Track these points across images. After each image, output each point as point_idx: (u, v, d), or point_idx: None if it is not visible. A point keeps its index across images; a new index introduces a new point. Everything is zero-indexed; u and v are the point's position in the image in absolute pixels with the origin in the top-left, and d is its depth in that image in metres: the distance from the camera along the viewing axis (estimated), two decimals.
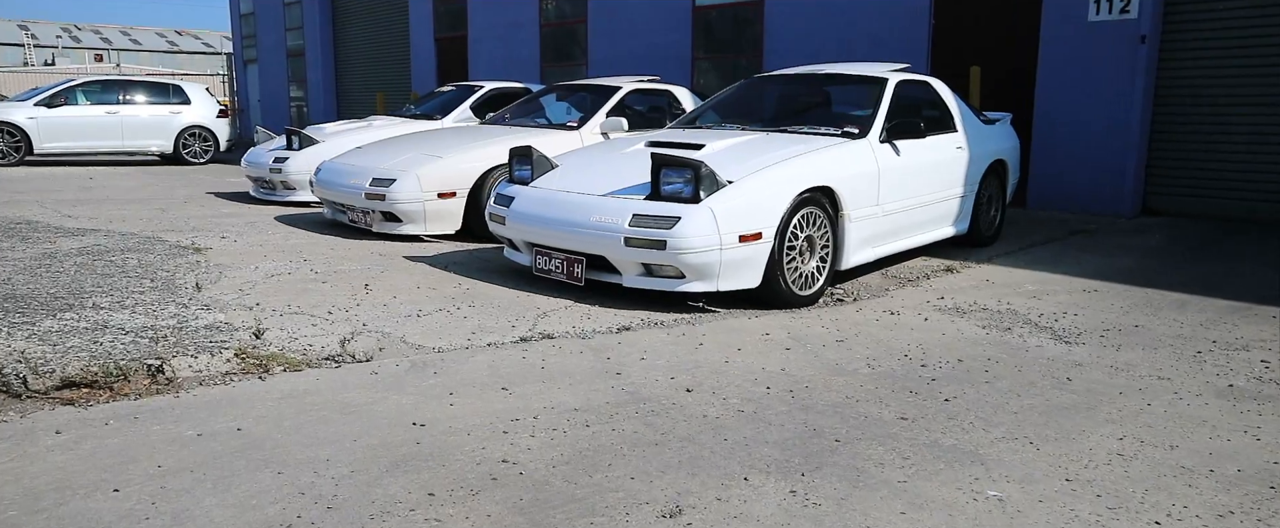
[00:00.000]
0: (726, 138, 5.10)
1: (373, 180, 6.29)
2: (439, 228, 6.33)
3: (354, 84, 19.07)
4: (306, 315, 3.84)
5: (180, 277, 4.63)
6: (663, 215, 4.21)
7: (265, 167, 8.38)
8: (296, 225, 6.97)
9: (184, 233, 6.38)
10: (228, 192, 9.61)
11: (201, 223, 6.97)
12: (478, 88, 9.48)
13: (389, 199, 6.16)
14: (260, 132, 9.20)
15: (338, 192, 6.55)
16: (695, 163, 4.24)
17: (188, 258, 5.23)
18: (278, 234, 6.45)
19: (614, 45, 12.49)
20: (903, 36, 9.27)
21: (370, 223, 6.35)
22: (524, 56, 13.99)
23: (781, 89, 6.22)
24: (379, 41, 18.07)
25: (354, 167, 6.60)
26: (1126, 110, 7.81)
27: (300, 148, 8.33)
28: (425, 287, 4.62)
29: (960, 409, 2.89)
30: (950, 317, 4.37)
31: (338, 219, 6.90)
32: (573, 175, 4.88)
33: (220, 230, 6.57)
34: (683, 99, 7.90)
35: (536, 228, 4.65)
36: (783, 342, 3.75)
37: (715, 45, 11.29)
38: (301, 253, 5.60)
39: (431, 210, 6.23)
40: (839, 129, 5.26)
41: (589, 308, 4.31)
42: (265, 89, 21.83)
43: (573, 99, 8.09)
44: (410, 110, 9.82)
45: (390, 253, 5.74)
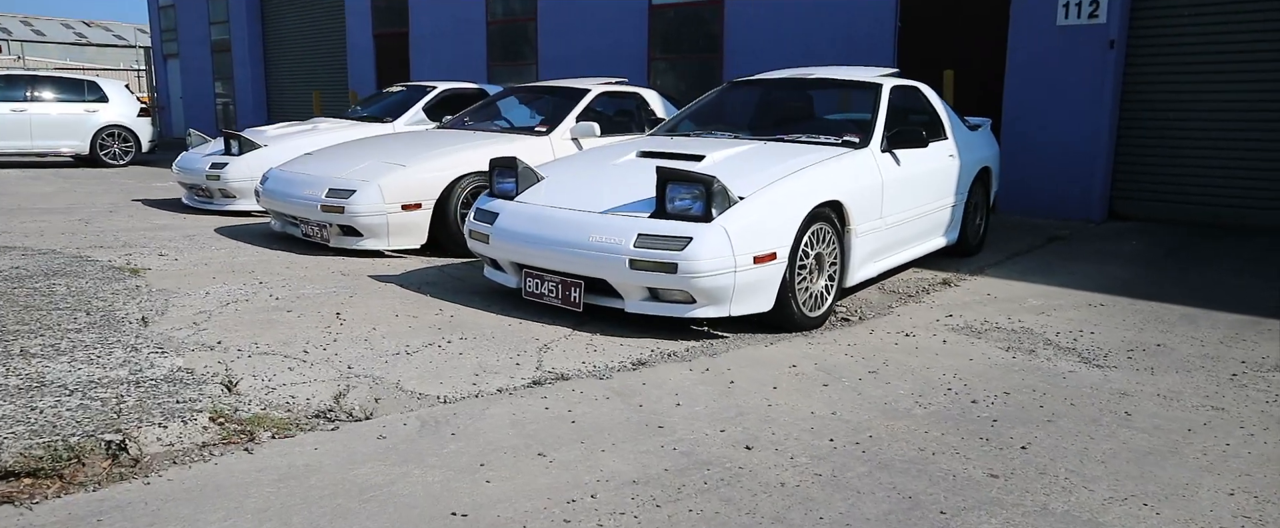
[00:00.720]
0: (723, 148, 4.74)
1: (330, 191, 5.74)
2: (403, 242, 5.82)
3: (285, 82, 18.12)
4: (279, 356, 3.33)
5: (120, 307, 4.04)
6: (673, 235, 3.83)
7: (201, 172, 7.69)
8: (241, 239, 6.35)
9: (115, 249, 5.72)
10: (157, 199, 8.85)
11: (133, 237, 6.30)
12: (430, 89, 8.93)
13: (348, 212, 5.62)
14: (193, 134, 8.47)
15: (289, 203, 5.97)
16: (707, 178, 3.87)
17: (125, 282, 4.62)
18: (222, 250, 5.84)
19: (566, 45, 12.02)
20: (868, 39, 9.06)
21: (326, 237, 5.79)
22: (470, 55, 13.40)
23: (767, 94, 5.89)
24: (313, 37, 17.19)
25: (307, 175, 6.03)
26: (1096, 115, 7.74)
27: (241, 152, 7.67)
28: (404, 315, 4.13)
29: (1044, 460, 2.59)
30: (969, 338, 4.10)
31: (288, 232, 6.31)
32: (563, 189, 4.45)
33: (156, 246, 5.92)
34: (652, 102, 7.52)
35: (526, 248, 4.21)
36: (814, 376, 3.41)
37: (673, 45, 10.94)
38: (254, 273, 5.04)
39: (395, 224, 5.71)
40: (838, 138, 4.95)
41: (591, 337, 3.90)
42: (187, 86, 20.63)
43: (537, 102, 7.63)
44: (357, 112, 9.21)
45: (353, 272, 5.22)
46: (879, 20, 8.96)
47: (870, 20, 9.02)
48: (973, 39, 8.44)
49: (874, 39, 9.01)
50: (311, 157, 6.54)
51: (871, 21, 9.02)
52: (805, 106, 5.71)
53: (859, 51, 9.15)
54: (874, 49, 9.02)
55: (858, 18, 9.13)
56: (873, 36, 9.03)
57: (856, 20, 9.13)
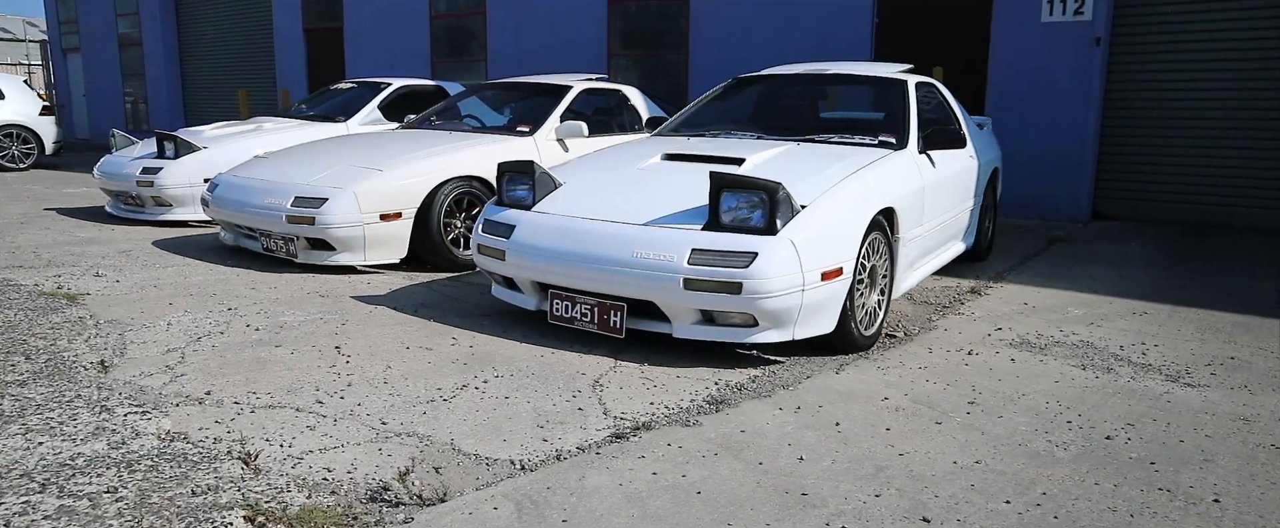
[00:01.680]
0: (759, 150, 4.26)
1: (296, 199, 5.03)
2: (381, 256, 5.15)
3: (204, 79, 16.86)
4: (288, 409, 2.69)
5: (66, 347, 3.31)
6: (735, 251, 3.32)
7: (131, 178, 6.80)
8: (187, 254, 5.56)
9: (39, 270, 4.88)
10: (74, 207, 7.86)
11: (57, 253, 5.44)
12: (384, 85, 8.19)
13: (320, 223, 4.93)
14: (118, 135, 7.54)
15: (246, 213, 5.22)
16: (771, 184, 3.38)
17: (63, 312, 3.85)
18: (170, 268, 5.06)
19: (518, 40, 11.37)
20: (844, 34, 8.73)
21: (293, 252, 5.08)
22: (412, 51, 12.60)
23: (779, 91, 5.44)
24: (235, 32, 16.02)
25: (267, 182, 5.29)
26: (1084, 114, 7.57)
27: (177, 155, 6.82)
28: (416, 346, 3.51)
29: (1248, 516, 2.20)
30: (1034, 355, 3.74)
31: (243, 245, 5.55)
32: (588, 198, 3.90)
33: (89, 264, 5.10)
34: (634, 100, 7.00)
35: (554, 266, 3.64)
36: (914, 411, 2.97)
37: (635, 41, 10.42)
38: (217, 297, 4.32)
39: (372, 235, 5.04)
40: (874, 139, 4.53)
41: (640, 368, 3.37)
42: (91, 82, 19.06)
43: (509, 101, 7.01)
44: (303, 111, 8.39)
45: (331, 292, 4.54)
46: (855, 16, 8.64)
47: (846, 16, 8.70)
48: (954, 36, 8.19)
49: (850, 36, 8.69)
50: (267, 160, 5.79)
51: (847, 17, 8.69)
52: (823, 105, 5.29)
53: (832, 49, 8.82)
54: (850, 46, 8.70)
55: (832, 14, 8.79)
56: (848, 33, 8.70)
57: (831, 16, 8.79)
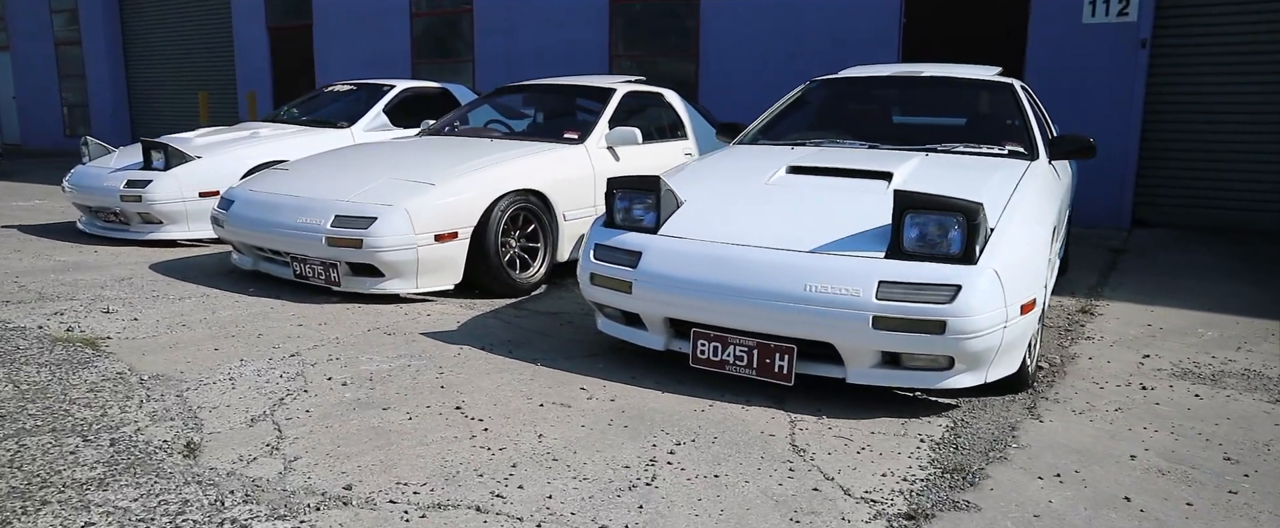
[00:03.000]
0: (895, 161, 3.75)
1: (338, 219, 4.33)
2: (433, 282, 4.49)
3: (152, 82, 15.67)
4: (465, 510, 2.00)
5: (125, 419, 2.59)
6: (936, 283, 2.80)
7: (113, 192, 5.96)
8: (197, 280, 4.80)
9: (33, 305, 4.09)
10: (36, 225, 6.94)
11: (45, 283, 4.63)
12: (386, 87, 7.46)
13: (368, 246, 4.24)
14: (92, 143, 6.65)
15: (273, 234, 4.50)
16: (970, 206, 2.87)
17: (94, 366, 3.11)
18: (187, 300, 4.31)
19: (510, 40, 10.69)
20: (866, 36, 8.32)
21: (334, 279, 4.37)
22: (390, 51, 11.80)
23: (871, 95, 4.94)
24: (188, 31, 14.90)
25: (297, 198, 4.57)
26: (1126, 119, 7.28)
27: (167, 166, 5.99)
28: (547, 401, 2.90)
29: None
30: (1216, 390, 3.32)
31: (263, 270, 4.81)
32: (725, 218, 3.33)
33: (88, 296, 4.32)
34: (675, 104, 6.44)
35: (701, 301, 3.06)
36: (1180, 473, 2.49)
37: (641, 42, 9.85)
38: (265, 338, 3.62)
39: (426, 259, 4.38)
40: (1001, 147, 4.07)
41: (821, 423, 2.82)
42: (22, 84, 17.61)
43: (542, 104, 6.38)
44: (294, 115, 7.60)
45: (394, 327, 3.88)
46: (881, 16, 8.23)
47: (870, 16, 8.28)
48: (988, 38, 7.84)
49: (874, 36, 8.28)
50: (288, 173, 5.05)
51: (871, 17, 8.28)
52: (930, 109, 4.82)
53: (854, 50, 8.40)
54: (875, 47, 8.29)
55: (854, 14, 8.37)
56: (872, 33, 8.29)
57: (853, 16, 8.37)
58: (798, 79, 8.72)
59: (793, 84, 8.74)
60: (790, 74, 8.76)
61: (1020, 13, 7.63)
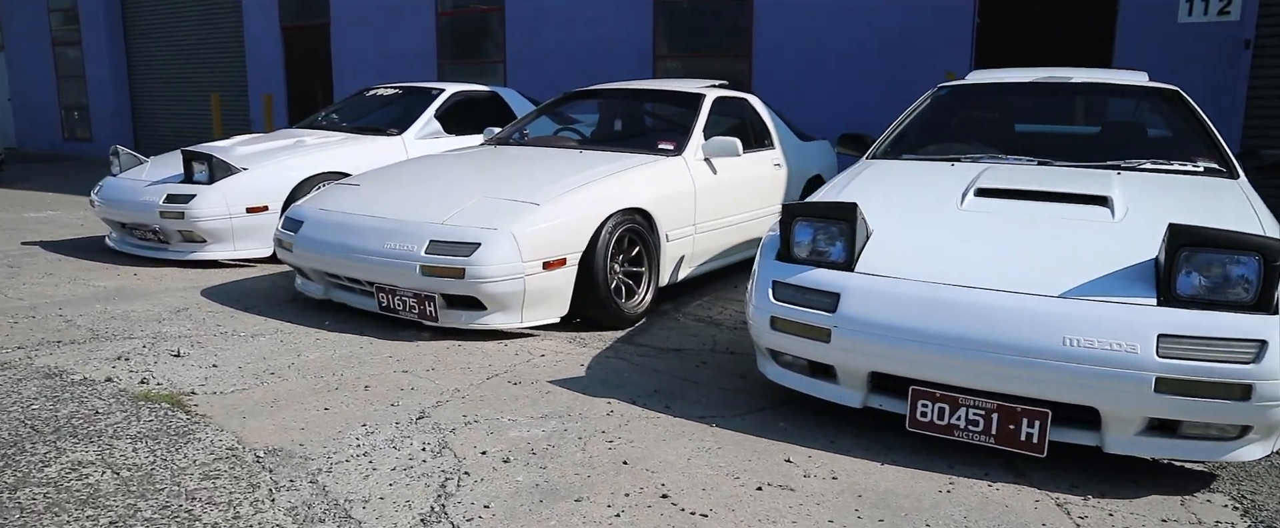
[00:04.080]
0: (1099, 182, 3.25)
1: (433, 244, 3.78)
2: (539, 315, 3.94)
3: (157, 83, 14.98)
4: None
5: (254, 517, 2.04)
6: (1234, 338, 2.30)
7: (152, 208, 5.38)
8: (262, 311, 4.24)
9: (88, 347, 3.52)
10: (59, 241, 6.34)
11: (94, 317, 4.05)
12: (434, 91, 6.90)
13: (471, 275, 3.69)
14: (122, 153, 6.04)
15: (354, 260, 3.94)
16: (1268, 244, 2.37)
17: (196, 438, 2.56)
18: (263, 338, 3.75)
19: (542, 39, 10.14)
20: (937, 35, 7.83)
21: (431, 313, 3.82)
22: (414, 51, 11.21)
23: (1020, 104, 4.45)
24: (195, 30, 14.23)
25: (380, 219, 4.02)
26: (1228, 125, 6.83)
27: (212, 179, 5.42)
28: (766, 483, 2.37)
29: None
30: None
31: (335, 299, 4.25)
32: (929, 252, 2.81)
33: (148, 333, 3.75)
34: (760, 110, 5.93)
35: (924, 354, 2.54)
36: None
37: (687, 42, 9.31)
38: (374, 390, 3.07)
39: (533, 289, 3.84)
40: (1194, 163, 3.59)
41: (1096, 505, 2.32)
42: (19, 86, 16.87)
43: (618, 110, 5.84)
44: (333, 120, 7.02)
45: (514, 373, 3.34)
46: (951, 14, 7.74)
47: (939, 14, 7.79)
48: (1071, 38, 7.37)
49: (942, 36, 7.79)
50: (360, 189, 4.49)
51: (940, 16, 7.79)
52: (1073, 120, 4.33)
53: (924, 51, 7.91)
54: (941, 48, 7.80)
55: (921, 12, 7.87)
56: (941, 33, 7.80)
57: (920, 15, 7.88)
58: (860, 82, 8.23)
59: (854, 87, 8.25)
60: (852, 76, 8.26)
61: (1107, 11, 7.17)
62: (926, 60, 7.90)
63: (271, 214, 5.54)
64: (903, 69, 8.03)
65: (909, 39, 7.97)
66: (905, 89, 8.02)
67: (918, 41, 7.93)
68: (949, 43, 7.78)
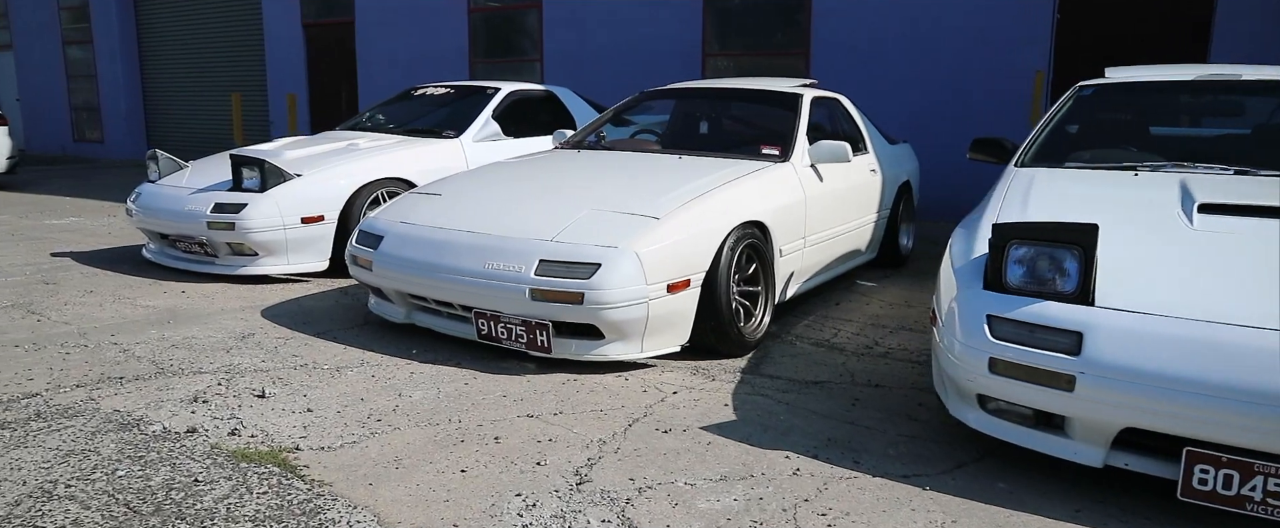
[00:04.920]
0: None
1: (545, 265, 3.31)
2: (661, 344, 3.47)
3: (171, 82, 14.46)
4: None
5: None
6: None
7: (199, 218, 4.89)
8: (339, 336, 3.77)
9: (159, 385, 3.05)
10: (91, 252, 5.85)
11: (153, 345, 3.57)
12: (489, 90, 6.42)
13: (591, 301, 3.22)
14: (160, 157, 5.55)
15: (452, 283, 3.46)
16: None
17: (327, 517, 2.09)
18: (352, 372, 3.28)
19: (583, 36, 9.66)
20: (1013, 32, 7.37)
21: (542, 344, 3.34)
22: (444, 48, 10.72)
23: (1176, 104, 3.98)
24: (213, 26, 13.71)
25: (480, 235, 3.53)
26: None
27: (264, 186, 4.94)
28: None
29: None
30: None
31: (423, 324, 3.77)
32: (1173, 282, 2.34)
33: (220, 366, 3.27)
34: (851, 110, 5.46)
35: (1207, 411, 2.07)
36: None
37: (739, 39, 8.83)
38: (514, 446, 2.60)
39: (656, 315, 3.36)
40: None
41: None
42: (26, 85, 16.33)
43: (700, 111, 5.37)
44: (379, 121, 6.54)
45: (659, 416, 2.87)
46: (1030, 9, 7.28)
47: (1017, 10, 7.33)
48: (1160, 35, 6.92)
49: (1022, 34, 7.33)
50: (441, 199, 4.00)
51: (1019, 11, 7.32)
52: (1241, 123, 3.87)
53: (998, 49, 7.45)
54: (1020, 46, 7.34)
55: (997, 8, 7.41)
56: (1020, 30, 7.34)
57: (996, 10, 7.41)
58: (927, 82, 7.77)
59: (920, 87, 7.79)
60: (919, 76, 7.80)
61: (1202, 7, 6.72)
62: (1000, 58, 7.44)
63: (327, 225, 5.06)
64: (974, 68, 7.57)
65: (981, 36, 7.51)
66: (978, 90, 7.56)
67: (991, 39, 7.47)
68: (1026, 40, 7.32)
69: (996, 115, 7.50)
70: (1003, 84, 7.45)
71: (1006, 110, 7.46)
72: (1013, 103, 7.42)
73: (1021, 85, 7.35)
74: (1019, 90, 7.37)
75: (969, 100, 7.62)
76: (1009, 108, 7.44)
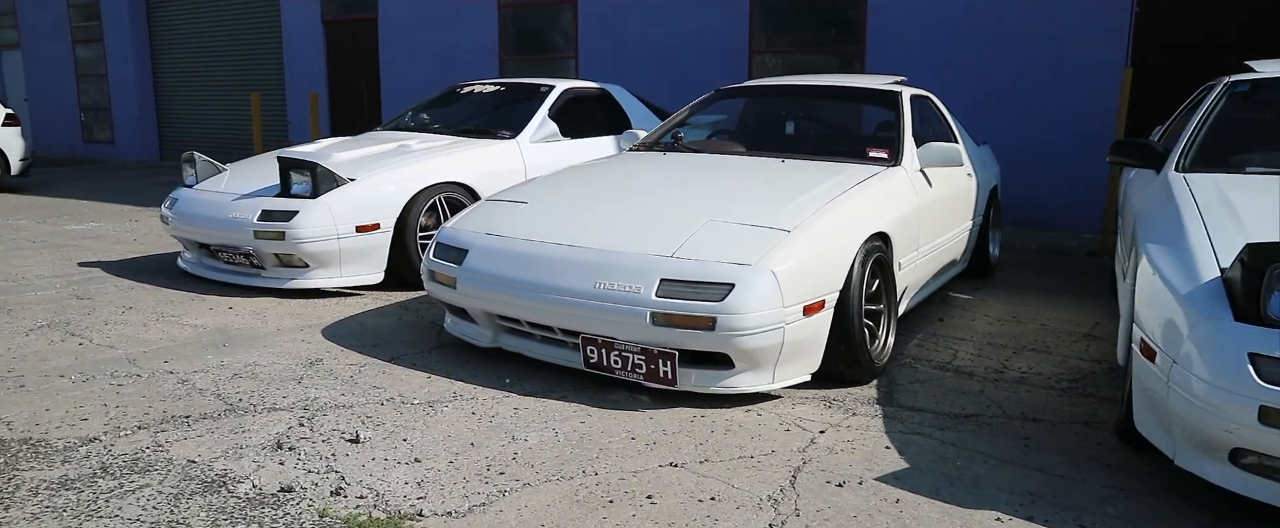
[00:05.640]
0: None
1: (667, 285, 2.88)
2: (792, 374, 3.04)
3: (184, 82, 14.00)
4: None
5: None
6: None
7: (245, 226, 4.46)
8: (415, 362, 3.34)
9: (230, 423, 2.62)
10: (122, 262, 5.42)
11: (214, 375, 3.15)
12: (543, 88, 5.99)
13: (724, 326, 2.79)
14: (198, 160, 5.11)
15: (555, 305, 3.03)
16: None
17: None
18: (448, 409, 2.85)
19: (621, 33, 9.24)
20: (1088, 27, 6.95)
21: (666, 376, 2.90)
22: (473, 46, 10.29)
23: None
24: (228, 24, 13.26)
25: (584, 250, 3.11)
26: None
27: (316, 192, 4.50)
28: None
29: None
30: None
31: (511, 348, 3.34)
32: None
33: (296, 401, 2.85)
34: (943, 110, 5.05)
35: None
36: None
37: (789, 35, 8.41)
38: (672, 510, 2.18)
39: (791, 341, 2.94)
40: None
41: None
42: (34, 84, 15.87)
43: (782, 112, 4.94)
44: (423, 120, 6.11)
45: (822, 464, 2.46)
46: (1106, 2, 6.86)
47: (1092, 3, 6.91)
48: (1252, 31, 6.50)
49: (1099, 29, 6.91)
50: (526, 208, 3.58)
51: (1094, 5, 6.91)
52: None
53: (1071, 46, 7.04)
54: (1095, 39, 6.92)
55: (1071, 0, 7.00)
56: (1096, 25, 6.92)
57: (1070, 2, 7.00)
58: (991, 80, 7.35)
59: (985, 86, 7.37)
60: (985, 74, 7.38)
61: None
62: (1072, 53, 7.02)
63: (383, 233, 4.63)
64: (1043, 64, 7.15)
65: (1051, 30, 7.10)
66: (1047, 87, 7.15)
67: (1061, 33, 7.06)
68: (1101, 32, 6.90)
69: (1070, 115, 7.09)
70: (1076, 81, 7.04)
71: (1081, 109, 7.04)
72: (1087, 101, 7.00)
73: (1098, 83, 6.93)
74: (1096, 88, 6.95)
75: (1038, 99, 7.21)
76: (1083, 107, 7.03)
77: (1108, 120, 6.86)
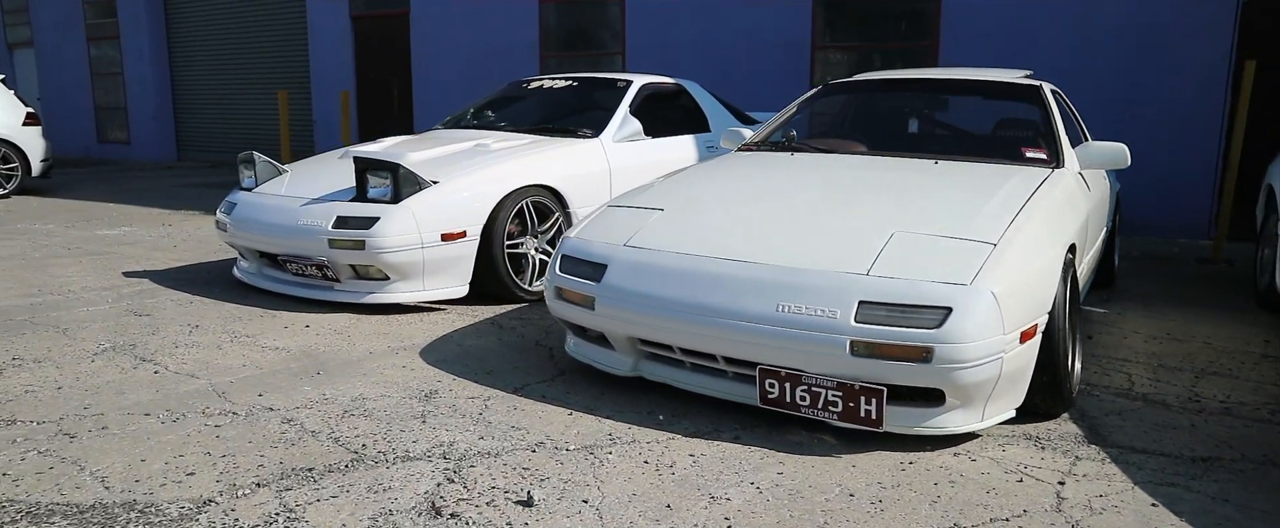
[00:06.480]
0: None
1: (865, 308, 2.42)
2: (1000, 410, 2.60)
3: (201, 80, 13.51)
4: None
5: None
6: None
7: (318, 234, 4.00)
8: (542, 394, 2.89)
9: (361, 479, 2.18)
10: (169, 271, 4.96)
11: (321, 409, 2.69)
12: (619, 83, 5.54)
13: (943, 357, 2.33)
14: (259, 161, 4.65)
15: (722, 329, 2.57)
16: None
17: None
18: (614, 455, 2.40)
19: (673, 29, 8.78)
20: (1191, 19, 6.51)
21: (869, 414, 2.45)
22: (512, 42, 9.82)
23: None
24: (250, 20, 12.77)
25: (766, 267, 2.64)
26: None
27: (397, 196, 4.04)
28: None
29: None
30: None
31: (653, 377, 2.89)
32: None
33: (431, 446, 2.40)
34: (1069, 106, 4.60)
35: None
36: None
37: (855, 32, 7.95)
38: None
39: (1008, 372, 2.49)
40: None
41: None
42: (48, 83, 15.38)
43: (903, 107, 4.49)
44: (488, 118, 5.65)
45: None
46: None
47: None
48: None
49: (1201, 21, 6.47)
50: (663, 215, 3.11)
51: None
52: None
53: (1172, 38, 6.59)
54: (1195, 35, 6.48)
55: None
56: (1192, 19, 6.48)
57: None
58: (1080, 80, 6.90)
59: (1071, 86, 6.92)
60: (1072, 70, 6.93)
61: None
62: (1169, 52, 6.58)
63: (469, 242, 4.17)
64: (1136, 64, 6.71)
65: (1145, 27, 6.65)
66: (1144, 84, 6.71)
67: (1157, 30, 6.61)
68: (1202, 29, 6.46)
69: (1169, 113, 6.65)
70: (1175, 81, 6.60)
71: (1181, 107, 6.60)
72: (1188, 99, 6.56)
73: (1201, 78, 6.49)
74: (1198, 83, 6.51)
75: (1134, 96, 6.76)
76: (1184, 104, 6.58)
77: (1214, 118, 6.42)
